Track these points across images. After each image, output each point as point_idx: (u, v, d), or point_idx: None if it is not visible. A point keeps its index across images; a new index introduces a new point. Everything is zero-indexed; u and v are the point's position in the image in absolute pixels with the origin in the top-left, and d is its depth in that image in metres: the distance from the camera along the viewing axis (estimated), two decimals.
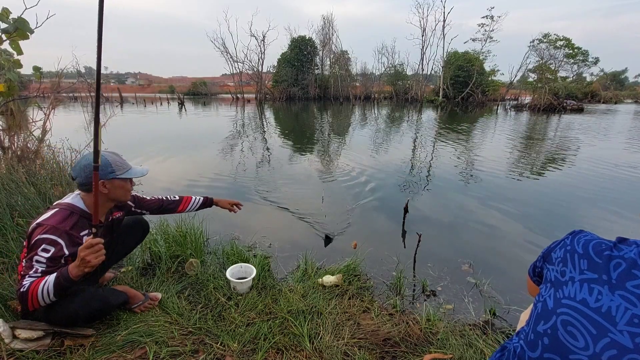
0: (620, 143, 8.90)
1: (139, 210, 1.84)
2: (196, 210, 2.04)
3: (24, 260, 1.33)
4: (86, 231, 1.44)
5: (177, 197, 1.97)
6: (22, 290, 1.26)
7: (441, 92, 31.69)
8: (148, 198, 1.88)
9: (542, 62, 27.89)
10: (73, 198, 1.47)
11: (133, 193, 1.75)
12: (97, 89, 1.20)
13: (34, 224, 1.36)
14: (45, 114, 3.09)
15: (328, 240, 2.66)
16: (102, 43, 1.10)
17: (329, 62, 35.89)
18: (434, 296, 2.17)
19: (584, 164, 6.32)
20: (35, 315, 1.42)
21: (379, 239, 3.06)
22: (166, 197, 1.94)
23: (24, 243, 1.40)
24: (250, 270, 2.00)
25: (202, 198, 2.05)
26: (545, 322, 0.68)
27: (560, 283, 0.70)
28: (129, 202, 1.77)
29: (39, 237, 1.31)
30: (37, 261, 1.29)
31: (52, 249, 1.31)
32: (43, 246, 1.30)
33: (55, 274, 1.27)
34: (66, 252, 1.34)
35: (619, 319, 0.59)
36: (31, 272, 1.28)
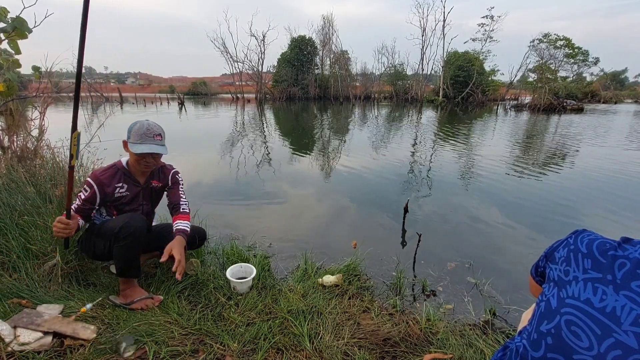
0: (620, 143, 8.89)
1: (167, 191, 1.96)
2: (174, 229, 1.84)
3: None
4: (121, 183, 1.75)
5: (185, 211, 1.92)
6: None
7: (441, 92, 31.69)
8: (181, 190, 1.96)
9: (542, 62, 27.89)
10: (126, 157, 1.78)
11: (179, 179, 1.96)
12: (77, 91, 1.36)
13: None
14: (40, 112, 3.08)
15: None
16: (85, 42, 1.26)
17: (329, 62, 35.93)
18: (434, 296, 2.17)
19: (584, 163, 6.31)
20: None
21: (379, 239, 3.05)
22: (184, 202, 1.94)
23: None
24: (250, 270, 1.99)
25: (186, 228, 1.85)
26: (549, 321, 0.68)
27: (564, 282, 0.70)
28: (169, 181, 1.94)
29: (87, 179, 1.70)
30: (78, 197, 1.71)
31: (88, 191, 1.69)
32: (84, 187, 1.70)
33: None
34: (99, 197, 1.70)
35: (623, 319, 0.59)
36: (76, 198, 1.70)
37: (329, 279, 2.04)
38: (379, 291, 2.15)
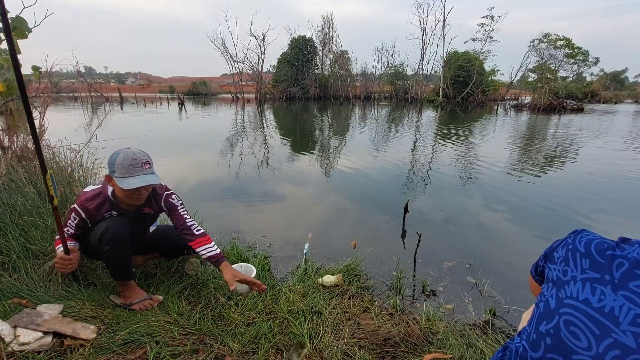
0: (619, 143, 8.89)
1: (169, 217, 1.81)
2: (204, 258, 1.74)
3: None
4: (110, 211, 1.67)
5: (200, 231, 1.77)
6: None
7: (441, 92, 31.66)
8: (182, 211, 1.79)
9: (542, 62, 27.91)
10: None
11: (174, 201, 1.78)
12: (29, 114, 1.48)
13: (82, 191, 1.71)
14: (40, 112, 3.09)
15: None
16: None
17: (329, 62, 35.89)
18: (434, 296, 2.17)
19: (584, 163, 6.32)
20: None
21: (379, 239, 3.05)
22: (192, 223, 1.78)
23: None
24: (251, 270, 2.00)
25: (218, 251, 1.75)
26: (548, 322, 0.68)
27: (562, 282, 0.70)
28: (163, 207, 1.78)
29: (74, 205, 1.65)
30: (69, 225, 1.65)
31: (77, 219, 1.65)
32: (73, 214, 1.64)
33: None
34: (89, 222, 1.66)
35: (622, 319, 0.59)
36: (68, 227, 1.64)
37: (329, 279, 2.04)
38: (379, 291, 2.15)
